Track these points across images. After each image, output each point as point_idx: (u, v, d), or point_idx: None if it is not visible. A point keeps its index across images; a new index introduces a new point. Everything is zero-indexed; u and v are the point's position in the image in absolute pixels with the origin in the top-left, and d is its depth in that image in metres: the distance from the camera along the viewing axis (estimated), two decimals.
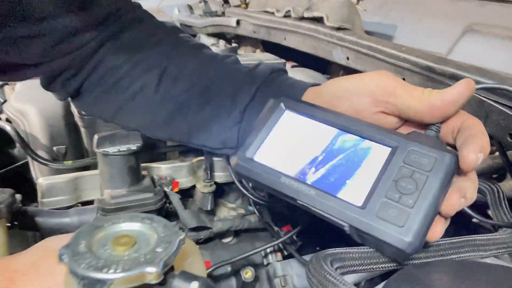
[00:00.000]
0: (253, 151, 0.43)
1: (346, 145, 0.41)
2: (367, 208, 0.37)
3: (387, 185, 0.37)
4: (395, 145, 0.39)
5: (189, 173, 0.69)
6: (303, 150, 0.42)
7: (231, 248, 0.67)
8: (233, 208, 0.77)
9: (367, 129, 0.41)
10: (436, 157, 0.37)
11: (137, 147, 0.58)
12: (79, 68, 0.56)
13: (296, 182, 0.40)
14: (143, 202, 0.58)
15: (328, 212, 0.38)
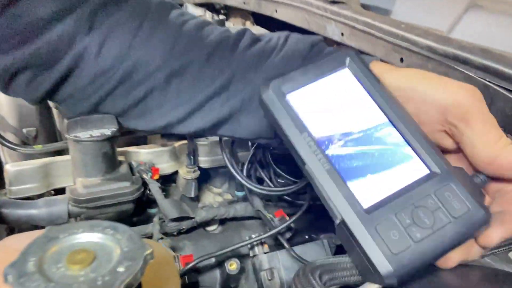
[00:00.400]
0: (290, 89, 0.38)
1: (388, 140, 0.37)
2: (371, 215, 0.33)
3: (405, 205, 0.34)
4: (436, 172, 0.35)
5: (171, 158, 0.64)
6: (342, 118, 0.38)
7: (216, 237, 0.63)
8: (219, 194, 0.73)
9: (419, 141, 0.37)
10: (469, 208, 0.33)
11: (112, 132, 0.53)
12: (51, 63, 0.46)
13: (315, 146, 0.36)
14: (119, 192, 0.54)
15: (330, 195, 0.34)
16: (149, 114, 0.50)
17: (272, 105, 0.38)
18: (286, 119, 0.37)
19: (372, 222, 0.33)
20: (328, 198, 0.35)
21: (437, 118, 0.37)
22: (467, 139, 0.36)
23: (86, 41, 0.45)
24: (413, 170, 0.36)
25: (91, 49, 0.46)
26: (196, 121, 0.49)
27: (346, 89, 0.39)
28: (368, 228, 0.33)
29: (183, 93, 0.48)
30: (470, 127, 0.35)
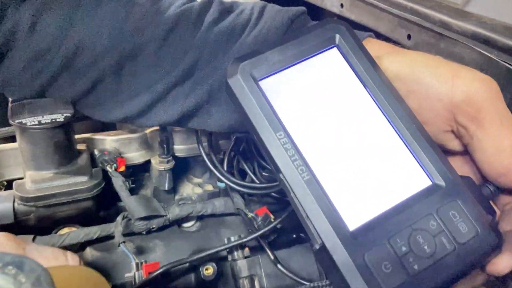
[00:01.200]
0: (264, 73, 0.31)
1: (383, 142, 0.30)
2: (359, 240, 0.27)
3: (401, 227, 0.27)
4: (440, 184, 0.29)
5: (142, 147, 0.57)
6: (327, 113, 0.31)
7: (191, 236, 0.56)
8: (199, 184, 0.65)
9: (421, 144, 0.30)
10: (478, 231, 0.28)
11: (66, 118, 0.45)
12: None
13: (293, 149, 0.29)
14: (75, 188, 0.46)
15: (308, 212, 0.28)
16: (103, 105, 0.42)
17: (241, 94, 0.30)
18: (257, 113, 0.30)
19: (359, 249, 0.27)
20: (306, 216, 0.28)
21: (443, 117, 0.32)
22: (478, 143, 0.30)
23: (17, 16, 0.37)
24: (413, 182, 0.29)
25: (23, 26, 0.37)
26: (159, 114, 0.41)
27: (333, 75, 0.32)
28: (354, 257, 0.26)
29: (139, 81, 0.40)
30: (483, 129, 0.30)
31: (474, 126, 0.30)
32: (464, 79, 0.30)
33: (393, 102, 0.31)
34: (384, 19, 0.58)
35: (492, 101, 0.30)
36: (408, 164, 0.30)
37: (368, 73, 0.31)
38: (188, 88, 0.41)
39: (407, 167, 0.30)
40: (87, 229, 0.50)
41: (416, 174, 0.30)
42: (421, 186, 0.30)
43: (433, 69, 0.31)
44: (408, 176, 0.30)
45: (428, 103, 0.32)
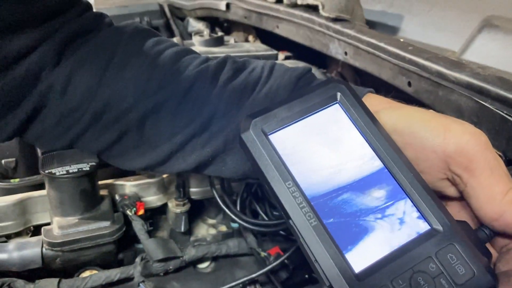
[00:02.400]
0: (273, 128, 0.34)
1: (384, 190, 0.33)
2: (364, 282, 0.29)
3: (402, 269, 0.29)
4: (438, 229, 0.31)
5: (159, 190, 0.60)
6: (332, 164, 0.33)
7: (206, 277, 0.58)
8: (213, 225, 0.68)
9: (419, 192, 0.32)
10: (475, 273, 0.29)
11: (91, 167, 0.49)
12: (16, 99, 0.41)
13: (301, 197, 0.31)
14: (98, 233, 0.49)
15: (316, 256, 0.30)
16: (126, 156, 0.45)
17: (253, 147, 0.33)
18: (268, 164, 0.32)
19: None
20: (314, 260, 0.30)
21: (438, 166, 0.33)
22: (471, 191, 0.32)
23: (51, 78, 0.41)
24: (412, 227, 0.32)
25: (57, 87, 0.41)
26: (177, 163, 0.45)
27: (336, 128, 0.34)
28: None
29: (160, 134, 0.44)
30: (474, 178, 0.32)
31: (466, 175, 0.32)
32: (455, 132, 0.33)
33: (391, 153, 0.33)
34: (386, 67, 0.62)
35: (482, 152, 0.32)
36: (407, 210, 0.32)
37: (368, 127, 0.34)
38: (205, 139, 0.44)
39: (407, 213, 0.32)
40: (108, 271, 0.52)
41: (415, 220, 0.32)
42: (420, 231, 0.31)
43: (426, 123, 0.34)
44: (408, 221, 0.32)
45: (424, 154, 0.34)
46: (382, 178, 0.33)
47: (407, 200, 0.32)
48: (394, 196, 0.32)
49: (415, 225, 0.32)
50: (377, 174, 0.33)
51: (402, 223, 0.32)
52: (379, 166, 0.33)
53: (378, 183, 0.33)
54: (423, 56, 0.54)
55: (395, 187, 0.33)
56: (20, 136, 0.45)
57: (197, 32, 0.92)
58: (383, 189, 0.33)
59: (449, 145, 0.32)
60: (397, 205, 0.32)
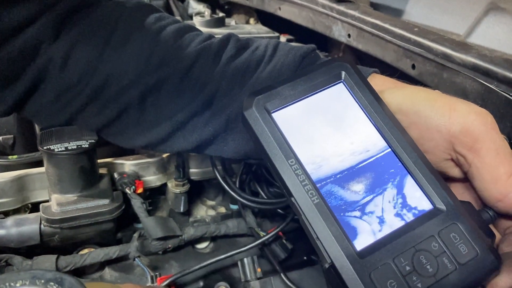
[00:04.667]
0: (276, 106, 0.34)
1: (387, 169, 0.33)
2: (365, 260, 0.29)
3: (405, 248, 0.29)
4: (441, 208, 0.31)
5: (159, 170, 0.59)
6: (335, 142, 0.33)
7: (205, 257, 0.58)
8: (212, 207, 0.68)
9: (423, 171, 0.32)
10: (478, 252, 0.29)
11: (90, 145, 0.48)
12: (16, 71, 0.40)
13: (304, 175, 0.31)
14: (97, 210, 0.49)
15: (318, 233, 0.30)
16: (126, 133, 0.45)
17: (256, 124, 0.33)
18: (270, 142, 0.32)
19: (366, 268, 0.28)
20: (316, 237, 0.30)
21: (443, 146, 0.33)
22: (476, 171, 0.32)
23: (50, 52, 0.40)
24: (415, 206, 0.31)
25: (56, 61, 0.41)
26: (178, 142, 0.44)
27: (340, 108, 0.34)
28: (361, 275, 0.28)
29: (161, 111, 0.43)
30: (479, 158, 0.31)
31: (471, 155, 0.32)
32: (460, 111, 0.32)
33: (396, 132, 0.33)
34: (390, 49, 0.61)
35: (487, 132, 0.31)
36: (411, 190, 0.32)
37: (372, 106, 0.34)
38: (206, 117, 0.44)
39: (410, 193, 0.32)
40: (106, 249, 0.52)
41: (419, 199, 0.32)
42: (423, 210, 0.31)
43: (431, 102, 0.33)
44: (411, 200, 0.32)
45: (428, 134, 0.33)
46: (386, 157, 0.33)
47: (410, 179, 0.32)
48: (397, 176, 0.32)
49: (418, 204, 0.32)
50: (381, 153, 0.33)
51: (405, 202, 0.32)
52: (383, 145, 0.33)
53: (382, 163, 0.33)
54: (429, 37, 0.53)
55: (399, 167, 0.33)
56: (18, 112, 0.44)
57: (198, 13, 0.91)
58: (387, 169, 0.33)
59: (454, 125, 0.32)
60: (400, 185, 0.32)
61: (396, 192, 0.32)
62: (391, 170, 0.33)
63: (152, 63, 0.42)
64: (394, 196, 0.32)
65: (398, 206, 0.32)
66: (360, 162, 0.33)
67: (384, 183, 0.32)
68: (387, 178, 0.32)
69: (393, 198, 0.32)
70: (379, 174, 0.32)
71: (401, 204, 0.32)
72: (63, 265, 0.49)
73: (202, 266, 0.51)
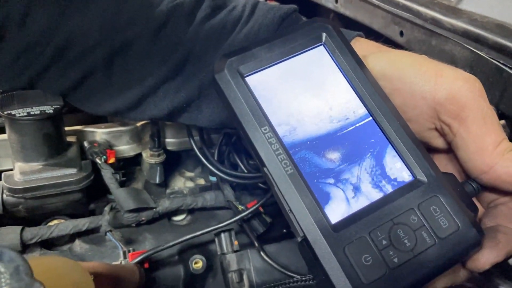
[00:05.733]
0: (251, 70, 0.31)
1: (367, 138, 0.31)
2: (340, 233, 0.27)
3: (381, 221, 0.28)
4: (422, 180, 0.29)
5: (133, 139, 0.56)
6: (313, 110, 0.31)
7: (181, 230, 0.56)
8: (191, 178, 0.65)
9: (404, 141, 0.30)
10: (459, 226, 0.28)
11: (55, 110, 0.45)
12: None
13: (278, 143, 0.29)
14: (63, 180, 0.46)
15: (291, 205, 0.28)
16: (93, 98, 0.42)
17: (227, 88, 0.31)
18: (243, 108, 0.30)
19: (340, 242, 0.27)
20: (289, 210, 0.28)
21: (427, 115, 0.32)
22: (460, 141, 0.31)
23: (7, 7, 0.37)
24: (395, 177, 0.30)
25: (14, 17, 0.37)
26: (149, 108, 0.42)
27: (320, 72, 0.32)
28: (335, 250, 0.27)
29: (129, 75, 0.40)
30: (465, 127, 0.30)
31: (457, 124, 0.30)
32: (447, 77, 0.30)
33: (377, 99, 0.31)
34: (378, 15, 0.58)
35: (475, 100, 0.30)
36: (391, 160, 0.30)
37: (354, 71, 0.32)
38: (178, 83, 0.41)
39: (390, 163, 0.30)
40: (75, 220, 0.50)
41: (399, 170, 0.30)
42: (403, 182, 0.30)
43: (417, 67, 0.31)
44: (390, 171, 0.30)
45: (412, 101, 0.31)
46: (366, 126, 0.31)
47: (391, 149, 0.31)
48: (377, 145, 0.31)
49: (398, 176, 0.30)
50: (361, 121, 0.31)
51: (384, 173, 0.30)
52: (364, 113, 0.32)
53: (361, 131, 0.31)
54: (419, 1, 0.50)
55: (379, 136, 0.31)
56: None
57: None
58: (367, 137, 0.31)
59: (440, 91, 0.30)
60: (380, 155, 0.31)
61: (375, 162, 0.31)
62: (371, 140, 0.31)
63: (119, 22, 0.39)
64: (372, 166, 0.30)
65: (376, 176, 0.30)
66: (338, 129, 0.31)
67: (363, 152, 0.31)
68: (366, 148, 0.31)
69: (372, 169, 0.30)
70: (358, 143, 0.31)
71: (380, 174, 0.30)
72: (29, 237, 0.47)
73: (177, 243, 0.48)
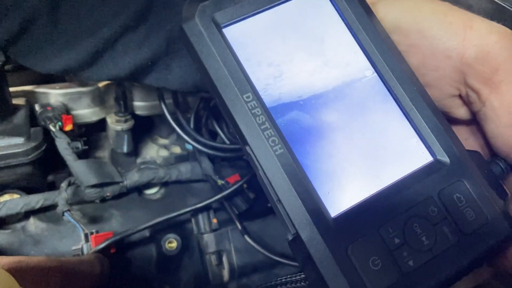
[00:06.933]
0: (230, 18, 0.25)
1: (374, 107, 0.25)
2: (341, 229, 0.22)
3: (394, 214, 0.23)
4: (444, 161, 0.24)
5: (94, 102, 0.49)
6: (308, 70, 0.25)
7: (154, 205, 0.50)
8: (165, 146, 0.59)
9: (422, 111, 0.25)
10: (488, 218, 0.23)
11: None
12: None
13: (264, 115, 0.23)
14: (8, 152, 0.39)
15: (279, 194, 0.23)
16: (38, 53, 0.34)
17: (198, 42, 0.24)
18: (219, 68, 0.24)
19: (342, 241, 0.22)
20: (277, 200, 0.23)
21: (451, 78, 0.26)
22: (491, 111, 0.25)
23: None
24: (411, 157, 0.25)
25: None
26: (107, 66, 0.34)
27: (316, 22, 0.26)
28: (334, 250, 0.22)
29: (79, 25, 0.33)
30: (498, 94, 0.25)
31: (487, 90, 0.25)
32: (478, 30, 0.25)
33: (390, 59, 0.25)
34: None
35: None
36: (406, 136, 0.25)
37: (361, 22, 0.26)
38: (141, 35, 0.34)
39: (405, 140, 0.25)
40: (27, 197, 0.43)
41: (415, 149, 0.25)
42: (420, 163, 0.25)
43: (440, 17, 0.26)
44: (405, 150, 0.25)
45: (433, 60, 0.26)
46: (375, 92, 0.26)
47: (406, 122, 0.25)
48: (389, 116, 0.26)
49: (414, 156, 0.25)
50: (369, 87, 0.26)
51: (397, 152, 0.25)
52: (372, 75, 0.26)
53: (369, 98, 0.25)
54: None
55: (391, 104, 0.26)
56: None
57: None
58: (374, 106, 0.25)
59: (469, 48, 0.25)
60: (392, 129, 0.25)
61: (387, 138, 0.25)
62: (380, 109, 0.26)
63: None
64: (384, 143, 0.25)
65: (388, 157, 0.25)
66: (339, 99, 0.25)
67: (371, 126, 0.25)
68: (375, 120, 0.26)
69: (383, 146, 0.25)
70: (364, 115, 0.26)
71: (393, 154, 0.25)
72: None
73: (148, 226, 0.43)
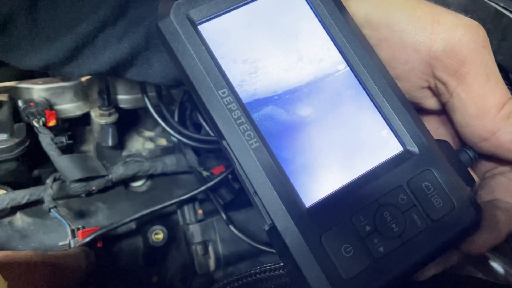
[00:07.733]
0: (205, 15, 0.25)
1: (347, 100, 0.26)
2: (315, 218, 0.23)
3: (365, 202, 0.23)
4: (413, 151, 0.25)
5: (77, 97, 0.49)
6: (282, 65, 0.25)
7: (139, 197, 0.51)
8: (151, 138, 0.59)
9: (392, 103, 0.25)
10: (455, 205, 0.24)
11: None
12: None
13: (240, 110, 0.24)
14: None
15: (255, 186, 0.23)
16: (18, 49, 0.35)
17: (174, 40, 0.24)
18: (194, 65, 0.24)
19: (315, 229, 0.23)
20: (254, 192, 0.23)
21: (420, 71, 0.27)
22: (458, 102, 0.26)
23: None
24: (381, 148, 0.25)
25: None
26: (87, 61, 0.35)
27: (290, 19, 0.26)
28: (308, 238, 0.22)
29: (59, 20, 0.33)
30: (465, 86, 0.25)
31: (455, 82, 0.26)
32: (445, 24, 0.25)
33: (361, 53, 0.26)
34: None
35: (478, 52, 0.25)
36: (377, 128, 0.25)
37: (333, 18, 0.26)
38: (120, 30, 0.34)
39: (376, 131, 0.25)
40: (13, 193, 0.43)
41: (386, 139, 0.25)
42: (391, 153, 0.25)
43: (409, 12, 0.26)
44: (376, 141, 0.25)
45: (403, 54, 0.26)
46: (348, 85, 0.26)
47: (377, 114, 0.26)
48: (361, 109, 0.26)
49: (384, 146, 0.25)
50: (342, 81, 0.26)
51: (369, 143, 0.25)
52: (345, 70, 0.26)
53: (342, 92, 0.26)
54: None
55: (363, 97, 0.26)
56: None
57: None
58: (347, 99, 0.26)
59: (436, 42, 0.25)
60: (364, 121, 0.26)
61: (358, 129, 0.26)
62: (352, 101, 0.26)
63: None
64: (355, 135, 0.25)
65: (359, 148, 0.25)
66: (312, 92, 0.26)
67: (342, 118, 0.26)
68: (346, 112, 0.26)
69: (354, 137, 0.25)
70: (336, 107, 0.26)
71: (363, 145, 0.25)
72: None
73: (134, 218, 0.43)
